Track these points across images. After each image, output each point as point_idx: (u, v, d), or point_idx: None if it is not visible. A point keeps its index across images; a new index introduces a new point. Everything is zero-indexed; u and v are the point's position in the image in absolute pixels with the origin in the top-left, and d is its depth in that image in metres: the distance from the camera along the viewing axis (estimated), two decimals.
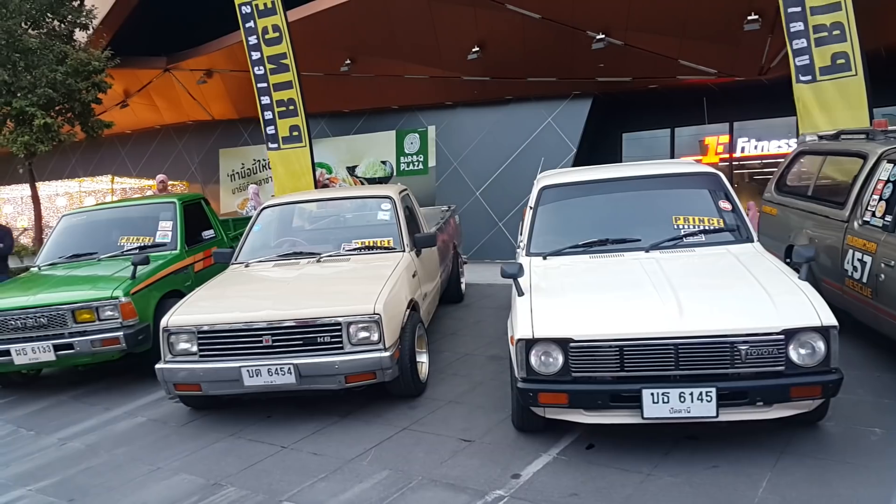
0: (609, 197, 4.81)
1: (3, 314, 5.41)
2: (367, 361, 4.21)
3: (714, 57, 11.15)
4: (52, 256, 6.55)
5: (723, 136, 14.14)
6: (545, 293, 3.82)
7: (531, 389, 3.49)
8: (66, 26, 13.11)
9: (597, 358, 3.40)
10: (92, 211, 7.24)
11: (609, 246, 4.38)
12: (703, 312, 3.45)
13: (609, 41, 10.89)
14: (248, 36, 8.56)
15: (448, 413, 4.49)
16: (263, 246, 5.68)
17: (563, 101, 12.82)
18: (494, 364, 5.36)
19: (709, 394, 3.28)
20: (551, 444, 3.84)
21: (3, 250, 7.93)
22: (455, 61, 12.27)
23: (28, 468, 4.31)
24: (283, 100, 8.56)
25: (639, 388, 3.33)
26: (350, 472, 3.78)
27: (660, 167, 5.17)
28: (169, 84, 16.45)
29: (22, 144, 12.32)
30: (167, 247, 6.45)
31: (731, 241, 4.39)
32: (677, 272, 3.89)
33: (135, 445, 4.50)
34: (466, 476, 3.60)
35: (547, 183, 4.96)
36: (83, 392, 5.77)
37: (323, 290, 4.75)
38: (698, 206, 4.65)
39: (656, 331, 3.36)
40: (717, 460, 3.51)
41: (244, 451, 4.19)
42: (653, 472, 3.46)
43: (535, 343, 3.46)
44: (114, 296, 5.42)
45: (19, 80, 12.06)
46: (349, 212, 6.24)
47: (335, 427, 4.41)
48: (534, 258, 4.44)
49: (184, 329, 4.41)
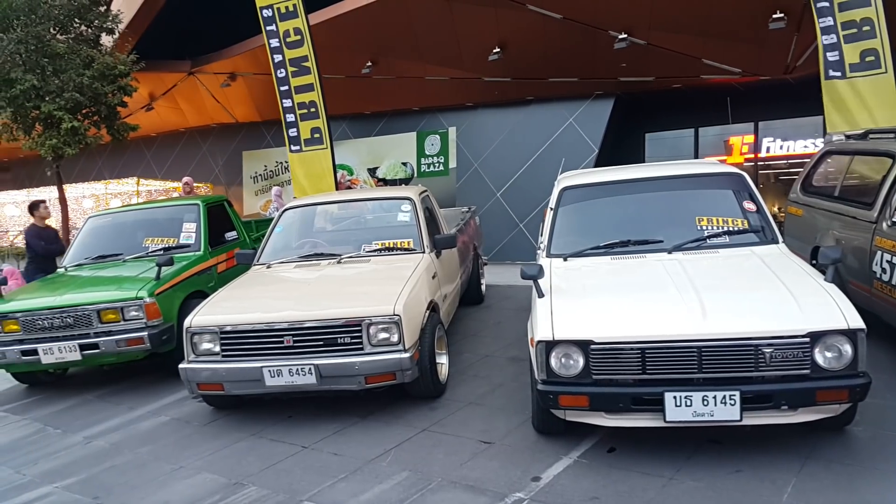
0: (631, 198, 4.76)
1: (31, 314, 5.49)
2: (387, 362, 4.21)
3: (738, 56, 11.02)
4: (78, 257, 6.65)
5: (748, 136, 13.98)
6: (566, 295, 3.79)
7: (551, 392, 3.46)
8: (92, 31, 13.28)
9: (618, 360, 3.36)
10: (117, 212, 7.35)
11: (631, 247, 4.34)
12: (727, 314, 3.41)
13: (631, 41, 10.81)
14: (270, 39, 8.61)
15: (468, 414, 4.48)
16: (285, 247, 5.72)
17: (584, 102, 12.75)
18: (514, 366, 5.34)
19: (732, 397, 3.24)
20: (572, 447, 3.81)
21: (53, 251, 7.98)
22: (476, 62, 12.26)
23: (55, 465, 4.38)
24: (305, 102, 8.60)
25: (661, 391, 3.29)
26: (370, 472, 3.78)
27: (683, 167, 5.11)
28: (193, 87, 16.63)
29: (50, 147, 12.50)
30: (191, 248, 6.52)
31: (756, 242, 4.33)
32: (701, 274, 3.84)
33: (158, 444, 4.55)
34: (486, 478, 3.58)
35: (568, 184, 4.93)
36: (108, 391, 5.85)
37: (343, 291, 4.76)
38: (722, 207, 4.59)
39: (679, 333, 3.32)
40: (741, 465, 3.46)
41: (265, 450, 4.22)
42: (675, 476, 3.42)
43: (556, 345, 3.44)
44: (138, 296, 5.48)
45: (47, 85, 12.24)
46: (369, 213, 6.25)
47: (355, 428, 4.42)
48: (554, 259, 4.42)
49: (207, 329, 4.45)
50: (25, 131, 12.90)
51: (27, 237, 8.00)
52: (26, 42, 12.04)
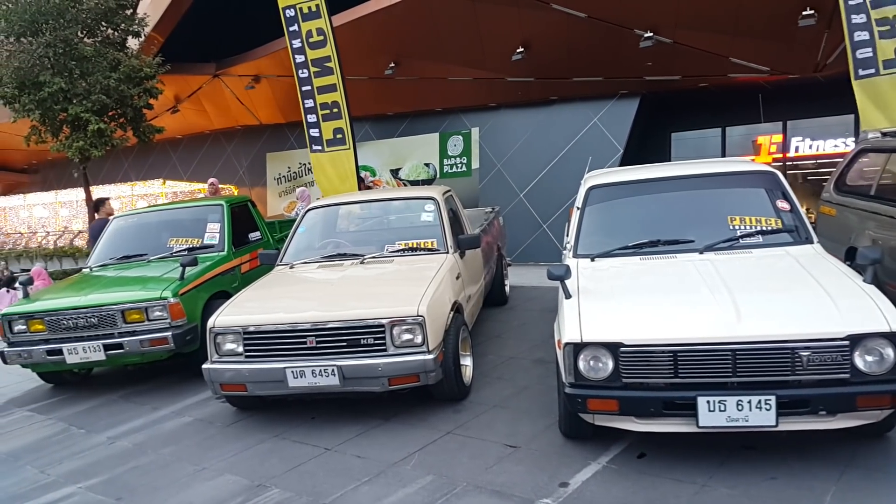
0: (660, 197, 4.65)
1: (56, 314, 5.52)
2: (411, 364, 4.15)
3: (767, 54, 10.83)
4: (103, 258, 6.68)
5: (776, 136, 13.75)
6: (594, 295, 3.70)
7: (579, 395, 3.37)
8: (119, 34, 13.42)
9: (649, 363, 3.27)
10: (142, 213, 7.38)
11: (661, 247, 4.23)
12: (763, 317, 3.30)
13: (657, 39, 10.67)
14: (293, 39, 8.61)
15: (493, 417, 4.40)
16: (308, 247, 5.69)
17: (609, 101, 12.62)
18: (540, 368, 5.26)
19: (768, 402, 3.13)
20: (600, 452, 3.72)
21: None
22: (499, 62, 12.18)
23: (78, 465, 4.37)
24: (327, 102, 8.58)
25: (694, 396, 3.19)
26: (393, 476, 3.72)
27: (714, 166, 4.99)
28: (218, 90, 16.75)
29: (77, 149, 12.65)
30: (215, 248, 6.52)
31: (790, 242, 4.21)
32: (734, 274, 3.73)
33: (181, 445, 4.53)
34: (512, 483, 3.50)
35: (595, 182, 4.83)
36: (132, 391, 5.86)
37: (366, 291, 4.71)
38: (755, 206, 4.47)
39: (713, 336, 3.22)
40: (776, 472, 3.35)
41: (288, 452, 4.18)
42: (708, 483, 3.32)
43: (584, 347, 3.35)
44: (162, 296, 5.48)
45: (75, 87, 12.38)
46: (393, 213, 6.20)
47: (379, 430, 4.37)
48: (581, 260, 4.33)
49: (230, 330, 4.43)
50: (53, 133, 13.07)
51: (92, 232, 8.35)
52: (55, 45, 12.19)
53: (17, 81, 12.34)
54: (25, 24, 12.20)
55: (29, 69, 12.21)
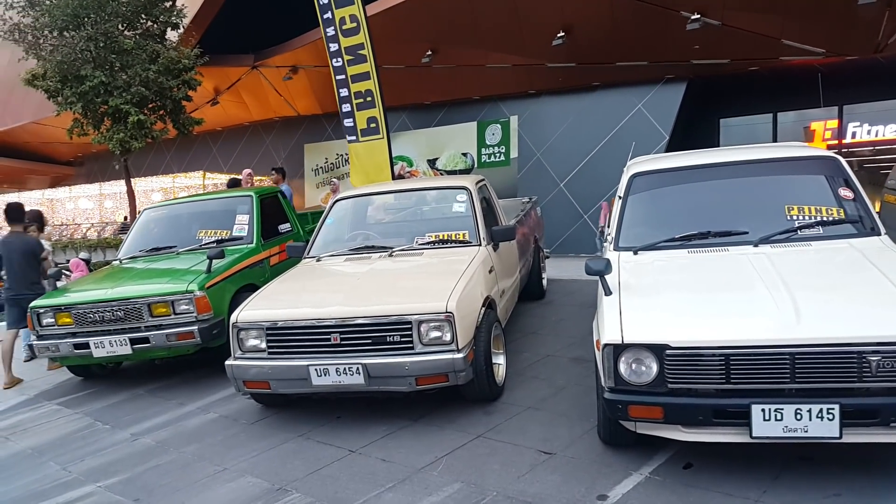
0: (710, 184, 4.31)
1: (83, 307, 5.45)
2: (439, 363, 3.91)
3: (822, 35, 10.26)
4: (132, 250, 6.62)
5: (831, 121, 13.10)
6: (636, 292, 3.41)
7: (620, 401, 3.09)
8: (158, 26, 13.47)
9: (698, 367, 2.97)
10: (172, 205, 7.30)
11: (711, 239, 3.91)
12: (825, 317, 2.98)
13: (705, 21, 10.19)
14: (326, 27, 8.44)
15: (527, 420, 4.14)
16: (336, 240, 5.50)
17: (654, 86, 12.15)
18: (579, 367, 4.98)
19: (831, 411, 2.82)
20: (643, 462, 3.43)
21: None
22: (539, 48, 11.84)
23: (100, 463, 4.29)
24: (361, 91, 8.41)
25: (747, 403, 2.89)
26: (419, 482, 3.50)
27: (768, 151, 4.63)
28: (256, 81, 16.75)
29: (117, 141, 12.75)
30: (243, 240, 6.39)
31: (854, 233, 3.85)
32: (792, 270, 3.40)
33: (204, 443, 4.40)
34: (546, 494, 3.25)
35: (639, 170, 4.51)
36: (159, 386, 5.78)
37: (393, 286, 4.50)
38: (814, 195, 4.12)
39: (769, 338, 2.91)
40: (838, 487, 3.03)
41: (312, 453, 4.01)
42: (761, 498, 3.02)
43: (625, 349, 3.07)
44: (189, 290, 5.36)
45: (115, 80, 12.46)
46: (423, 204, 5.96)
47: (406, 431, 4.16)
48: (623, 253, 4.03)
49: (253, 325, 4.27)
50: (95, 126, 13.19)
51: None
52: (96, 39, 12.28)
53: (59, 75, 12.49)
54: (68, 19, 12.29)
55: (71, 63, 12.34)
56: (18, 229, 6.59)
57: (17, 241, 6.45)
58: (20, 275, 6.37)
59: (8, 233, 6.60)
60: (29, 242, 6.52)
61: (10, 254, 6.39)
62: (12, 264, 6.37)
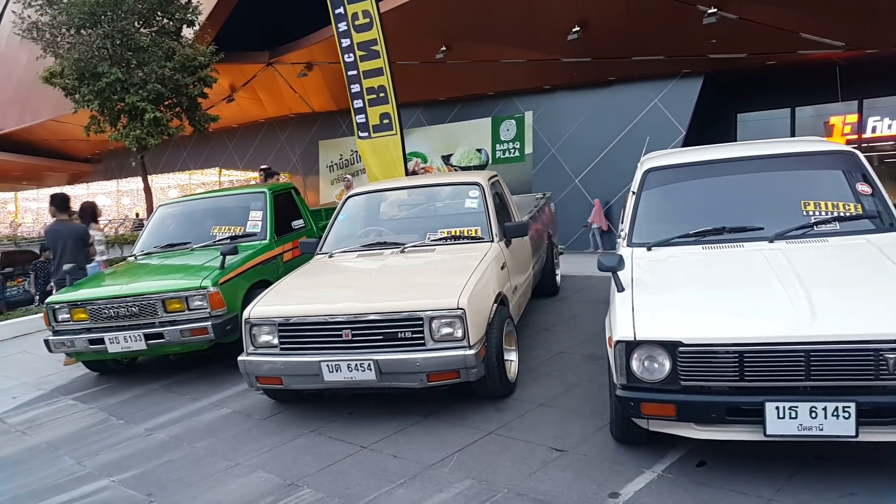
0: (725, 179, 4.25)
1: (98, 303, 5.49)
2: (451, 359, 3.89)
3: (841, 28, 10.12)
4: (147, 246, 6.66)
5: (850, 116, 12.94)
6: (649, 289, 3.37)
7: (632, 398, 3.06)
8: (174, 23, 13.54)
9: (711, 365, 2.93)
10: (186, 201, 7.33)
11: (726, 235, 3.85)
12: (841, 314, 2.93)
13: (722, 15, 10.09)
14: (338, 23, 8.42)
15: (538, 417, 4.11)
16: (348, 236, 5.49)
17: (670, 81, 12.07)
18: (592, 364, 4.94)
19: (847, 409, 2.77)
20: (656, 460, 3.39)
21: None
22: (554, 43, 11.78)
23: (114, 458, 4.31)
24: (374, 87, 8.38)
25: (762, 401, 2.85)
26: (430, 479, 3.49)
27: (784, 146, 4.55)
28: (272, 78, 16.82)
29: (134, 138, 12.86)
30: (257, 236, 6.40)
31: (872, 229, 3.78)
32: (808, 266, 3.35)
33: (217, 438, 4.41)
34: (557, 491, 3.22)
35: (653, 165, 4.46)
36: (174, 381, 5.80)
37: (405, 282, 4.48)
38: (831, 190, 4.06)
39: (784, 335, 2.87)
40: (854, 487, 2.98)
41: (323, 449, 4.01)
42: (775, 497, 2.97)
43: (638, 346, 3.03)
44: (202, 285, 5.38)
45: (132, 77, 12.55)
46: (435, 200, 5.94)
47: (417, 428, 4.14)
48: (636, 249, 3.98)
49: (265, 321, 4.28)
50: (111, 123, 13.29)
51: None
52: (112, 37, 12.38)
53: (77, 73, 12.59)
54: (85, 17, 12.40)
55: (88, 60, 12.44)
56: (65, 217, 7.03)
57: (67, 228, 6.91)
58: (69, 259, 6.76)
59: (55, 220, 7.01)
60: (77, 229, 7.00)
61: (60, 239, 6.84)
62: (64, 249, 6.81)
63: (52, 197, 7.08)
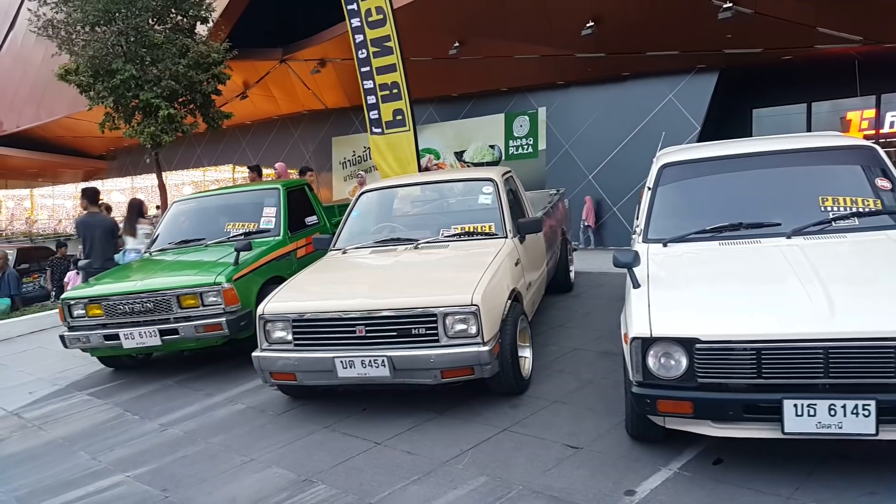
0: (742, 175, 4.21)
1: (113, 299, 5.52)
2: (465, 356, 3.88)
3: (859, 22, 10.00)
4: (162, 242, 6.68)
5: (868, 111, 12.78)
6: (666, 285, 3.34)
7: (648, 396, 3.04)
8: (188, 20, 13.58)
9: (729, 362, 2.90)
10: (200, 198, 7.35)
11: (743, 231, 3.81)
12: (860, 310, 2.90)
13: (737, 10, 9.99)
14: (352, 19, 8.42)
15: (553, 414, 4.10)
16: (361, 232, 5.49)
17: (685, 76, 11.98)
18: (606, 360, 4.91)
19: (866, 407, 2.74)
20: (672, 457, 3.37)
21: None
22: (568, 38, 11.72)
23: (129, 453, 4.33)
24: (387, 83, 8.37)
25: (780, 399, 2.82)
26: (444, 475, 3.48)
27: (802, 140, 4.51)
28: (285, 75, 16.85)
29: (148, 135, 12.90)
30: (271, 233, 6.40)
31: (892, 225, 3.72)
32: (826, 262, 3.31)
33: (231, 434, 4.43)
34: (573, 489, 3.20)
35: (669, 160, 4.42)
36: (188, 377, 5.83)
37: (418, 278, 4.47)
38: (850, 185, 4.00)
39: (802, 332, 2.84)
40: (874, 486, 2.95)
41: (337, 445, 4.01)
42: (794, 495, 2.94)
43: (654, 343, 3.01)
44: (217, 282, 5.39)
45: (146, 74, 12.60)
46: (449, 196, 5.93)
47: (431, 424, 4.14)
48: (652, 245, 3.95)
49: (279, 317, 4.28)
50: (126, 120, 13.35)
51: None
52: (126, 34, 12.42)
53: (91, 70, 12.65)
54: (99, 14, 12.45)
55: (102, 58, 12.49)
56: (95, 210, 7.35)
57: (97, 220, 7.22)
58: (99, 250, 7.08)
59: (86, 213, 7.31)
60: (107, 221, 7.36)
61: (91, 231, 7.12)
62: (94, 241, 7.09)
63: (84, 191, 7.38)
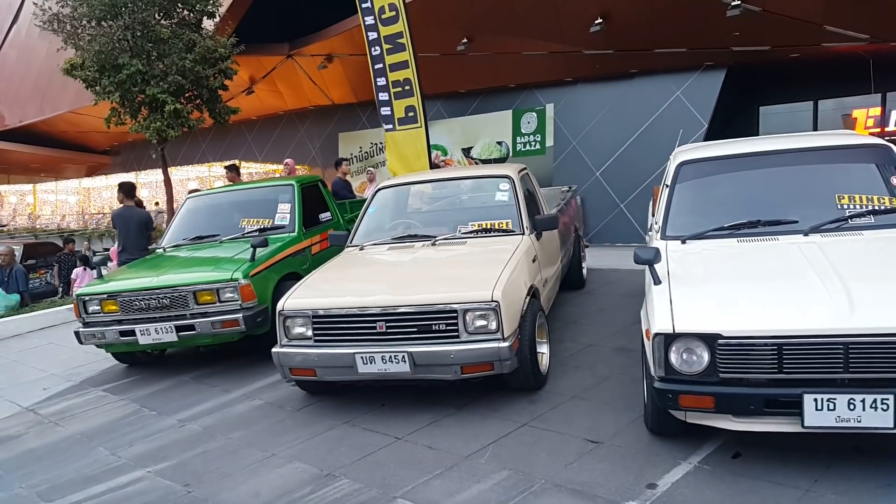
0: (759, 173, 4.25)
1: (129, 295, 5.54)
2: (485, 351, 3.93)
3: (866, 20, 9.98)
4: (176, 238, 6.71)
5: (873, 109, 12.76)
6: (686, 281, 3.39)
7: (670, 390, 3.08)
8: (194, 15, 13.58)
9: (750, 357, 2.95)
10: (214, 193, 7.39)
11: (761, 228, 3.86)
12: (880, 306, 2.94)
13: (745, 7, 9.98)
14: (365, 16, 8.46)
15: (571, 409, 4.14)
16: (378, 228, 5.53)
17: (693, 74, 11.95)
18: (621, 356, 4.96)
19: (885, 402, 2.79)
20: (691, 451, 3.42)
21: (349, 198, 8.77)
22: (576, 35, 11.71)
23: (148, 449, 4.35)
24: (399, 80, 8.41)
25: (800, 393, 2.87)
26: (467, 470, 3.53)
27: (818, 139, 4.54)
28: (291, 70, 16.83)
29: (154, 130, 12.90)
30: (286, 229, 6.44)
31: None
32: (844, 259, 3.36)
33: (251, 430, 4.46)
34: (595, 482, 3.25)
35: (686, 158, 4.46)
36: (204, 373, 5.86)
37: (438, 275, 4.51)
38: (865, 183, 4.05)
39: (822, 327, 2.88)
40: (892, 478, 2.99)
41: (358, 440, 4.05)
42: (812, 487, 2.99)
43: (676, 338, 3.05)
44: (233, 278, 5.42)
45: (152, 69, 12.61)
46: (466, 192, 5.97)
47: (451, 419, 4.18)
48: (670, 242, 3.99)
49: (299, 313, 4.32)
50: (132, 115, 13.36)
51: (334, 188, 8.97)
52: (133, 28, 12.42)
53: (97, 64, 12.65)
54: (105, 8, 12.45)
55: (109, 52, 12.49)
56: (131, 203, 7.55)
57: (133, 213, 7.44)
58: (136, 242, 7.26)
59: (122, 206, 7.49)
60: (143, 214, 7.59)
61: (127, 223, 7.39)
62: (129, 232, 7.31)
63: (121, 185, 7.60)
